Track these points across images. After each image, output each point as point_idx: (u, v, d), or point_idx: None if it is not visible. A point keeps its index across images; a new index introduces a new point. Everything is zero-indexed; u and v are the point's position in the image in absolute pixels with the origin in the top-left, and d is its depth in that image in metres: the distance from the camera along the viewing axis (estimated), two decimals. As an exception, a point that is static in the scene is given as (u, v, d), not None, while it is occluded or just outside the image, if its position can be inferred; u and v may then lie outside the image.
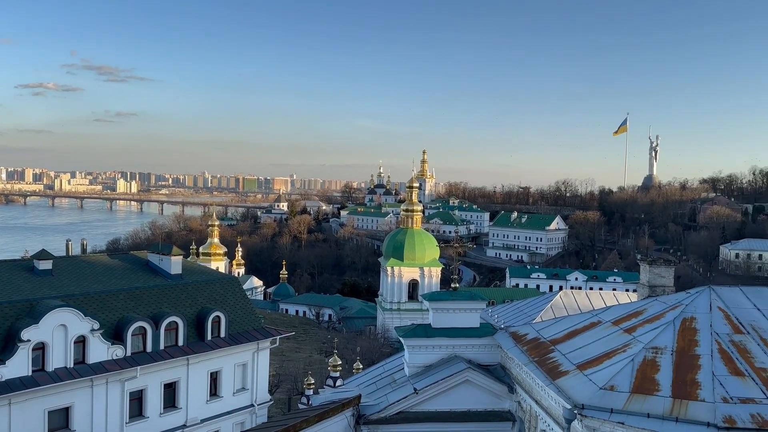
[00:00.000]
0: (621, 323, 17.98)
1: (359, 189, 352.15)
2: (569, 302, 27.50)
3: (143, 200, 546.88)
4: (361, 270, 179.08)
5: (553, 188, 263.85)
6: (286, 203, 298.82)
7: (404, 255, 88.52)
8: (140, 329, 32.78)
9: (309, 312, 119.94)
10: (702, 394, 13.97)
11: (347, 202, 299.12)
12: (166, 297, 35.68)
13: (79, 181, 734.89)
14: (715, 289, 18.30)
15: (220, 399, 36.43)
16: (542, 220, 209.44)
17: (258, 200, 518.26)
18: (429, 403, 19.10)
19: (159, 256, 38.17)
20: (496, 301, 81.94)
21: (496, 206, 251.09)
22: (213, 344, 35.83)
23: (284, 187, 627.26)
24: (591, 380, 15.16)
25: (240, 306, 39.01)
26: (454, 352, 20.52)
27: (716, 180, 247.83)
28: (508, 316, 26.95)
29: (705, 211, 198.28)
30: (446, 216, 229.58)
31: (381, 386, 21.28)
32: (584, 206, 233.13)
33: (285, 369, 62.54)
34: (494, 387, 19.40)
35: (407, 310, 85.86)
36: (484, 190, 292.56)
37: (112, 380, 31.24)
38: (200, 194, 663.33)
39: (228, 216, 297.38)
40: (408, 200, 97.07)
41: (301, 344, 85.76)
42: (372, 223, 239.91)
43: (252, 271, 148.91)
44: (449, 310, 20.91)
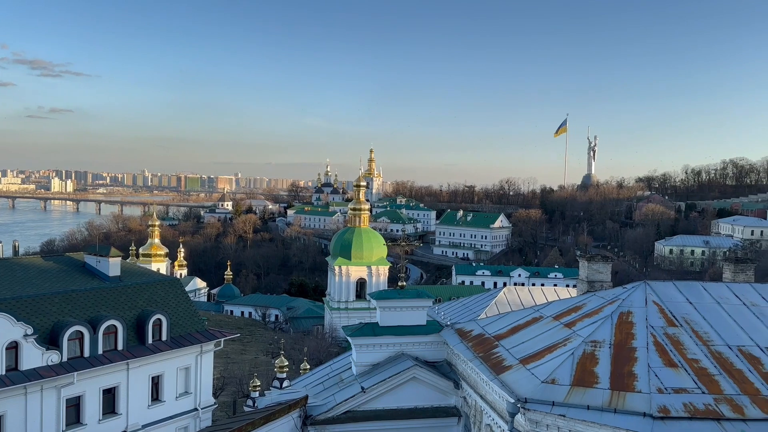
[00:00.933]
0: (561, 318, 18.48)
1: (306, 188, 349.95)
2: (513, 298, 28.07)
3: (80, 200, 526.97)
4: (308, 270, 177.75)
5: (497, 187, 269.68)
6: (231, 202, 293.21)
7: (352, 254, 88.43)
8: (77, 334, 31.59)
9: (255, 313, 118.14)
10: (638, 385, 14.52)
11: (294, 201, 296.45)
12: (105, 300, 34.50)
13: (11, 180, 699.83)
14: (650, 283, 19.05)
15: (162, 404, 35.50)
16: (487, 218, 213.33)
17: (201, 199, 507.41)
18: (376, 402, 19.15)
19: (96, 257, 36.85)
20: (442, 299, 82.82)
21: (442, 205, 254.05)
22: (154, 348, 34.87)
23: (229, 186, 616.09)
24: (533, 374, 15.52)
25: (182, 308, 38.10)
26: (402, 350, 20.64)
27: (651, 179, 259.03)
28: (454, 313, 27.29)
29: (640, 209, 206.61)
30: (393, 215, 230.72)
31: (328, 386, 21.18)
32: (527, 204, 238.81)
33: (230, 371, 61.41)
34: (440, 383, 19.61)
35: (355, 309, 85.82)
36: (431, 188, 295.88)
37: (48, 387, 29.98)
38: (140, 193, 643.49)
39: (169, 216, 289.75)
40: (355, 199, 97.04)
41: (246, 346, 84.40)
42: (319, 222, 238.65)
43: (195, 272, 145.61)
44: (396, 308, 21.01)
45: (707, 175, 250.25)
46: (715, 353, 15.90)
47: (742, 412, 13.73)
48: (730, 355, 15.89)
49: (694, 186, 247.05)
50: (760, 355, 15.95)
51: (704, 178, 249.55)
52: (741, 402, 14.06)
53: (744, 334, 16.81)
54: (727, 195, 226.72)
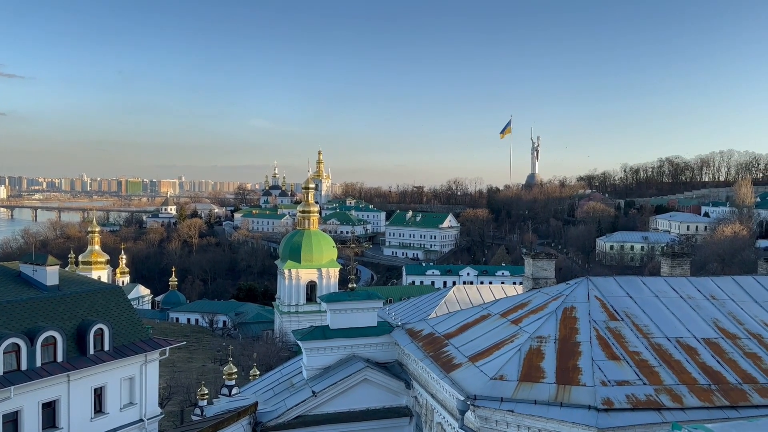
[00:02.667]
0: (508, 315, 18.83)
1: (254, 190, 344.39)
2: (462, 297, 28.42)
3: (14, 206, 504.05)
4: (257, 274, 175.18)
5: (445, 187, 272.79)
6: (175, 206, 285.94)
7: (302, 257, 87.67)
8: (13, 346, 30.15)
9: (202, 320, 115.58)
10: (583, 378, 14.92)
11: (241, 204, 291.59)
12: (42, 310, 33.05)
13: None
14: (592, 279, 19.63)
15: (105, 416, 34.27)
16: (435, 218, 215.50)
17: (143, 204, 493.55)
18: (328, 405, 19.03)
19: (33, 266, 35.26)
20: (393, 299, 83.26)
21: (391, 206, 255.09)
22: (96, 358, 33.64)
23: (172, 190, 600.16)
24: (482, 371, 15.74)
25: (125, 317, 36.91)
26: (353, 351, 20.59)
27: (592, 177, 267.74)
28: (405, 313, 27.42)
29: (582, 207, 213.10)
30: (343, 216, 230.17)
31: (279, 391, 20.93)
32: (474, 204, 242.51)
33: (177, 380, 59.86)
34: (392, 384, 19.66)
35: (306, 313, 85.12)
36: (380, 189, 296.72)
37: (-20, 404, 28.46)
38: (78, 199, 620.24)
39: (110, 221, 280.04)
40: (304, 201, 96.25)
41: (193, 354, 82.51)
42: (268, 225, 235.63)
43: (138, 279, 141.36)
44: (347, 310, 20.95)
45: (645, 173, 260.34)
46: (655, 345, 16.51)
47: (681, 402, 14.31)
48: (669, 346, 16.53)
49: (633, 184, 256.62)
50: (696, 346, 16.66)
51: (642, 176, 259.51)
52: (680, 392, 14.65)
53: (682, 326, 17.53)
54: (664, 192, 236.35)
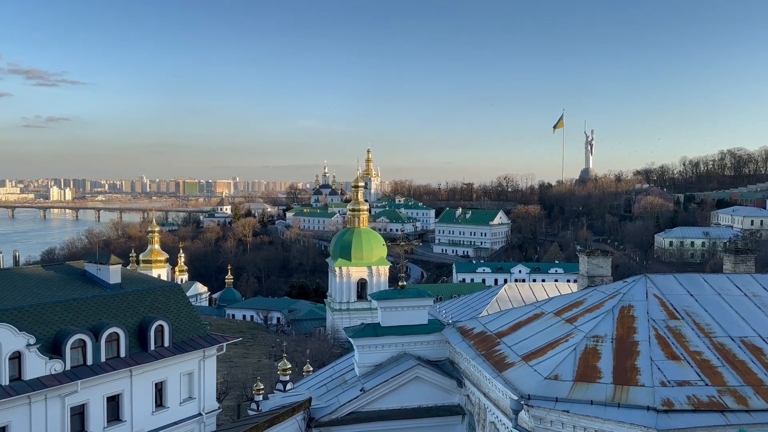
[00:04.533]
0: (563, 314, 18.49)
1: (304, 190, 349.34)
2: (513, 295, 28.08)
3: (79, 208, 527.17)
4: (309, 271, 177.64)
5: (495, 184, 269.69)
6: (230, 206, 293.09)
7: (352, 255, 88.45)
8: (79, 342, 31.58)
9: (257, 316, 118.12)
10: (641, 379, 14.53)
11: (292, 203, 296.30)
12: (106, 308, 34.50)
13: (10, 189, 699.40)
14: (650, 277, 19.06)
15: (166, 410, 35.48)
16: (486, 215, 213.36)
17: (200, 204, 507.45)
18: (380, 402, 19.15)
19: (97, 265, 36.85)
20: (443, 297, 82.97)
21: (440, 203, 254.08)
22: (157, 354, 34.86)
23: (227, 190, 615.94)
24: (536, 371, 15.53)
25: (184, 313, 38.09)
26: (404, 349, 20.64)
27: (649, 171, 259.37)
28: (456, 311, 27.29)
29: (639, 202, 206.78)
30: (392, 214, 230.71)
31: (331, 388, 21.18)
32: (525, 200, 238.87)
33: (233, 375, 61.39)
34: (443, 382, 19.61)
35: (356, 310, 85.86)
36: (429, 187, 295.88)
37: (52, 396, 29.96)
38: (139, 200, 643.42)
39: (169, 221, 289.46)
40: (354, 200, 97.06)
41: (249, 349, 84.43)
42: (318, 223, 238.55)
43: (196, 277, 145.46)
44: (397, 308, 21.00)
45: (705, 166, 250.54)
46: (718, 345, 15.91)
47: (745, 403, 13.76)
48: (733, 346, 15.91)
49: (693, 177, 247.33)
50: (762, 346, 15.97)
51: (702, 170, 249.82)
52: (744, 393, 14.08)
53: (746, 325, 16.83)
54: (726, 186, 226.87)
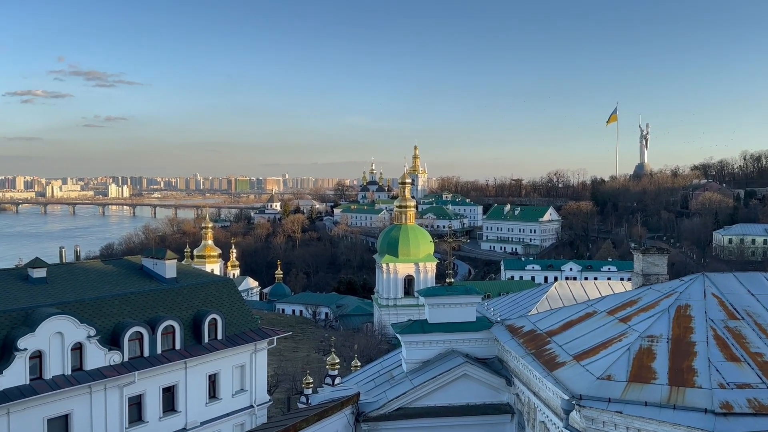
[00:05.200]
0: (616, 313, 18.05)
1: (352, 186, 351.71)
2: (564, 293, 27.57)
3: (136, 204, 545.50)
4: (356, 267, 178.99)
5: (545, 180, 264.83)
6: (279, 203, 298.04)
7: (399, 251, 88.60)
8: (137, 334, 32.73)
9: (305, 311, 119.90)
10: (698, 380, 14.06)
11: (340, 200, 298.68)
12: (162, 301, 35.63)
13: (71, 187, 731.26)
14: (708, 275, 18.39)
15: (219, 401, 36.43)
16: (535, 211, 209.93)
17: (251, 201, 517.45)
18: (428, 399, 19.14)
19: (153, 260, 38.10)
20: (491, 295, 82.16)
21: (488, 199, 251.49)
22: (210, 347, 35.80)
23: (277, 187, 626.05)
24: (588, 370, 15.23)
25: (236, 307, 38.98)
26: (452, 346, 20.56)
27: (707, 166, 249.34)
28: (504, 309, 27.01)
29: (697, 198, 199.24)
30: (439, 211, 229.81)
31: (379, 383, 21.30)
32: (577, 197, 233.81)
33: (283, 369, 62.52)
34: (492, 380, 19.45)
35: (403, 306, 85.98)
36: (477, 183, 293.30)
37: (111, 386, 31.18)
38: (192, 197, 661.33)
39: (221, 218, 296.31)
40: (401, 196, 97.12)
41: (298, 343, 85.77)
42: (366, 220, 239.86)
43: (247, 272, 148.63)
44: (445, 305, 20.93)
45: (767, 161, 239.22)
46: (781, 347, 15.22)
47: (811, 409, 13.12)
48: (798, 348, 15.18)
49: (754, 172, 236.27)
50: (830, 349, 15.18)
51: (764, 164, 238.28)
52: (810, 398, 13.42)
53: (812, 327, 16.03)
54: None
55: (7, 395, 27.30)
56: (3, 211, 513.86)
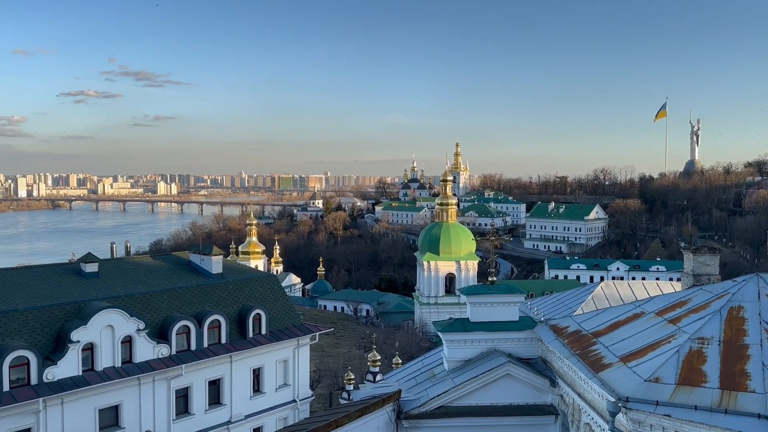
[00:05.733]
0: (665, 314, 17.58)
1: (393, 184, 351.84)
2: (611, 293, 27.00)
3: (183, 202, 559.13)
4: (397, 265, 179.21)
5: (591, 177, 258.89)
6: (321, 200, 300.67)
7: (440, 249, 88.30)
8: (184, 328, 33.50)
9: (347, 308, 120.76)
10: (752, 384, 13.57)
11: (381, 197, 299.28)
12: (208, 296, 36.39)
13: (121, 184, 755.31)
14: (763, 276, 17.73)
15: (263, 395, 37.01)
16: (581, 209, 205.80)
17: (294, 198, 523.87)
18: (470, 398, 19.03)
19: (200, 256, 38.93)
20: (535, 294, 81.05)
21: (532, 197, 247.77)
22: (255, 341, 36.39)
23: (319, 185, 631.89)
24: (635, 372, 14.89)
25: (279, 303, 39.53)
26: (494, 346, 20.39)
27: (763, 163, 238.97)
28: (548, 308, 26.62)
29: (751, 196, 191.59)
30: (481, 208, 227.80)
31: (421, 381, 21.29)
32: (624, 194, 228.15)
33: (325, 364, 63.18)
34: (536, 380, 19.21)
35: (445, 305, 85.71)
36: (520, 180, 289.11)
37: (159, 378, 32.03)
38: (238, 194, 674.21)
39: (265, 215, 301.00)
40: (442, 194, 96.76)
41: (340, 340, 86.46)
42: (407, 217, 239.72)
43: (290, 268, 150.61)
44: (487, 303, 20.76)
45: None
46: (843, 352, 14.53)
47: None
48: None
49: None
50: None
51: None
52: None
53: None
54: None
55: (61, 385, 28.39)
56: (57, 208, 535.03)
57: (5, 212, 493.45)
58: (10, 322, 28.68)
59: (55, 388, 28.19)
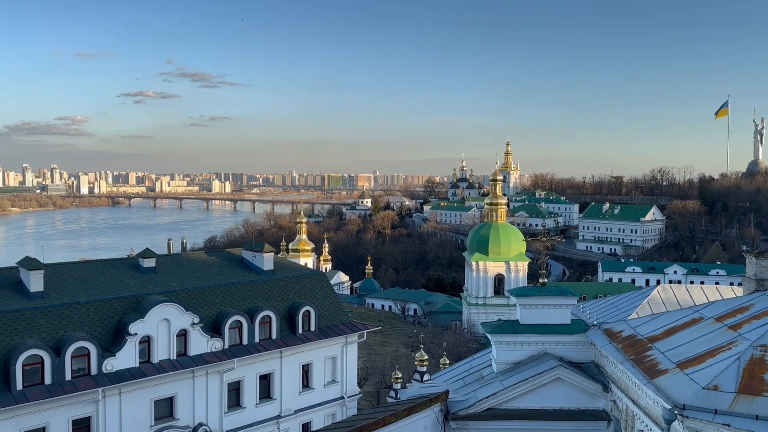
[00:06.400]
0: (725, 319, 16.91)
1: (442, 183, 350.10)
2: (668, 297, 26.14)
3: (236, 200, 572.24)
4: (445, 265, 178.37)
5: (648, 177, 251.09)
6: (370, 199, 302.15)
7: (489, 249, 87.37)
8: (236, 323, 34.26)
9: (394, 306, 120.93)
10: (820, 396, 12.90)
11: (430, 196, 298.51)
12: (260, 292, 37.10)
13: (178, 182, 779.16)
14: (833, 283, 16.81)
15: (311, 391, 37.48)
16: (637, 210, 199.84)
17: (343, 197, 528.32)
18: (519, 401, 18.78)
19: (252, 253, 39.73)
20: (587, 297, 79.27)
21: (585, 197, 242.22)
22: (304, 337, 36.90)
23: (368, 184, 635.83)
24: (692, 379, 14.38)
25: (328, 300, 39.95)
26: (544, 349, 20.05)
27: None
28: (601, 312, 25.97)
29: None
30: (532, 208, 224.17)
31: (468, 382, 21.13)
32: (683, 195, 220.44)
33: (373, 362, 63.47)
34: (587, 385, 18.79)
35: (493, 306, 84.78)
36: (573, 180, 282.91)
37: (212, 372, 32.86)
38: (288, 192, 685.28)
39: (315, 213, 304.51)
40: (492, 193, 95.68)
41: (387, 338, 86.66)
42: (455, 217, 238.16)
43: (338, 266, 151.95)
44: (538, 305, 20.43)
45: None
46: None
47: None
48: None
49: None
50: None
51: None
52: None
53: None
54: None
55: (119, 376, 29.49)
56: (117, 205, 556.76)
57: (68, 208, 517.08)
58: (72, 314, 29.98)
59: (114, 378, 29.28)
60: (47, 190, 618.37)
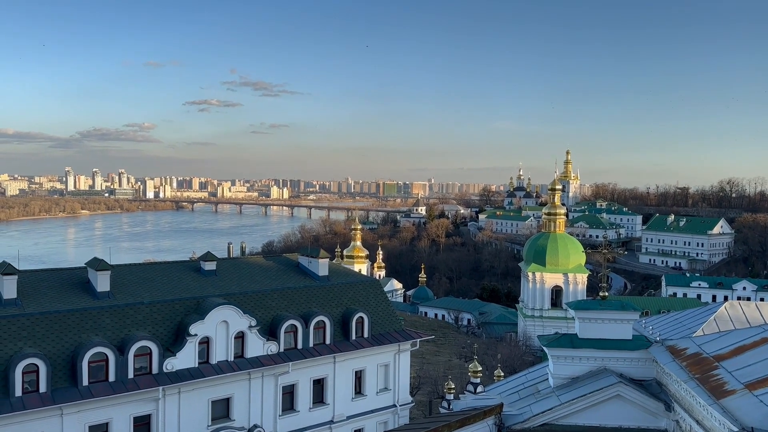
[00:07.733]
0: (801, 341, 15.96)
1: (498, 192, 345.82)
2: (736, 314, 24.92)
3: (294, 205, 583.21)
4: (500, 275, 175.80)
5: (716, 188, 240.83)
6: (425, 207, 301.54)
7: (546, 260, 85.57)
8: (292, 327, 34.76)
9: (448, 316, 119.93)
10: None
11: (485, 205, 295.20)
12: (315, 297, 37.53)
13: (238, 188, 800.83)
14: None
15: (364, 397, 37.53)
16: (703, 223, 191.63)
17: (397, 204, 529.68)
18: (576, 417, 18.26)
19: (308, 258, 40.29)
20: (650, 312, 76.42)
21: (649, 209, 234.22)
22: (357, 344, 37.02)
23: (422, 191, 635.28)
24: (762, 401, 13.64)
25: (382, 308, 39.99)
26: (603, 364, 19.44)
27: None
28: (665, 328, 25.01)
29: None
30: (592, 219, 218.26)
31: (524, 396, 20.71)
32: (754, 208, 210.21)
33: (425, 372, 63.02)
34: (649, 404, 18.09)
35: (550, 318, 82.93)
36: (636, 191, 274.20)
37: (267, 374, 33.42)
38: (344, 199, 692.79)
39: (369, 220, 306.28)
40: (550, 203, 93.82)
41: (440, 348, 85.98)
42: (511, 226, 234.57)
43: (392, 273, 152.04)
44: (598, 320, 19.84)
45: None
46: None
47: None
48: None
49: None
50: None
51: None
52: None
53: None
54: None
55: (179, 376, 30.38)
56: (181, 209, 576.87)
57: (135, 212, 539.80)
58: (135, 314, 31.14)
59: (174, 378, 30.17)
60: (115, 194, 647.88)
